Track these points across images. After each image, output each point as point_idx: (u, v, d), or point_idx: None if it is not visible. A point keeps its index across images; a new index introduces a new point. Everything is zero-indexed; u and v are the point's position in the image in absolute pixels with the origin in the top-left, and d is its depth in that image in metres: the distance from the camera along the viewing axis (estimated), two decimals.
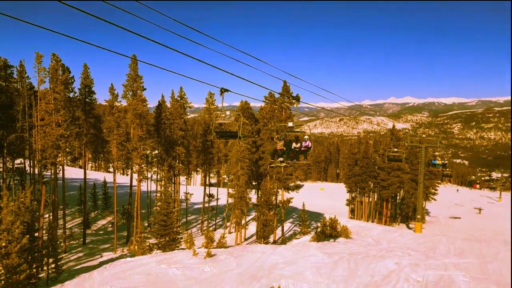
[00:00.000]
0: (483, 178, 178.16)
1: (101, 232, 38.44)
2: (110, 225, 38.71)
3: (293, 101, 29.97)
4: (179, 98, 34.41)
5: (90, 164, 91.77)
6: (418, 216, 37.81)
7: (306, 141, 15.71)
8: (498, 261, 25.43)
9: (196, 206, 49.09)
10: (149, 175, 40.74)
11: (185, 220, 40.82)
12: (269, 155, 30.79)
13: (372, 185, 54.48)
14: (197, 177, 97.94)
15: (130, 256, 20.16)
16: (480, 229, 50.49)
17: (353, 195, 57.51)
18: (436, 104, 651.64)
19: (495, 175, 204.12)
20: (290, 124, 14.34)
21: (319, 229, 26.44)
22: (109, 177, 51.80)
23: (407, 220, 57.92)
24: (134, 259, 17.06)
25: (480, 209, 70.70)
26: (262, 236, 27.18)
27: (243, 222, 36.46)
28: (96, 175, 64.32)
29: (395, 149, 35.99)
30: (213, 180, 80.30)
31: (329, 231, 26.30)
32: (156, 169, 37.83)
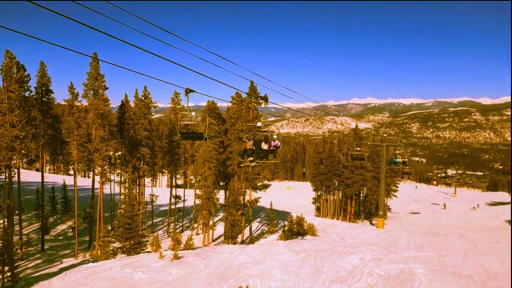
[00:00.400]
0: (439, 175, 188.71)
1: (61, 237, 36.61)
2: (71, 230, 36.98)
3: (261, 101, 30.23)
4: (143, 98, 33.45)
5: (48, 167, 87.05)
6: (381, 213, 39.41)
7: (275, 141, 15.89)
8: (454, 253, 26.92)
9: (162, 208, 48.04)
10: (113, 177, 39.34)
11: (151, 222, 39.79)
12: (238, 155, 30.83)
13: (336, 183, 56.02)
14: (163, 179, 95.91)
15: (92, 262, 19.36)
16: (437, 223, 53.47)
17: (319, 193, 58.85)
18: (396, 104, 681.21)
19: (450, 172, 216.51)
20: (259, 124, 14.44)
21: (286, 228, 26.82)
22: (69, 180, 49.40)
23: (370, 217, 60.14)
24: (97, 264, 16.42)
25: (445, 205, 74.72)
26: (230, 236, 27.11)
27: (210, 223, 36.17)
28: (55, 178, 61.08)
29: (358, 148, 37.31)
30: (180, 181, 79.05)
31: (296, 229, 26.74)
32: (119, 171, 36.58)
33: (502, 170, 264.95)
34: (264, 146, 15.87)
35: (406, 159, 37.89)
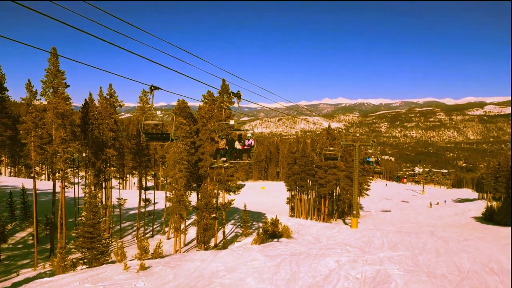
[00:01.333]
0: (407, 173, 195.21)
1: (20, 246, 34.02)
2: (31, 238, 34.45)
3: (234, 100, 29.20)
4: (108, 96, 31.54)
5: (9, 169, 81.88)
6: (354, 212, 39.50)
7: (249, 140, 15.06)
8: (426, 252, 27.14)
9: (132, 212, 45.99)
10: (77, 180, 36.99)
11: (119, 227, 37.84)
12: (210, 155, 29.71)
13: (310, 183, 55.99)
14: (134, 180, 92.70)
15: (50, 275, 17.69)
16: (408, 221, 54.59)
17: (292, 193, 58.62)
18: (366, 104, 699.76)
19: (417, 169, 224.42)
20: (232, 122, 13.56)
21: (261, 230, 26.05)
22: (30, 184, 46.30)
23: (343, 216, 60.63)
24: (52, 278, 14.85)
25: (431, 203, 75.87)
26: (203, 241, 25.98)
27: (182, 226, 34.82)
28: (15, 182, 57.21)
29: (331, 148, 37.19)
30: (151, 183, 76.47)
31: (271, 230, 26.03)
32: (84, 173, 34.36)
33: (465, 168, 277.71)
34: (238, 145, 15.01)
35: (378, 159, 38.20)
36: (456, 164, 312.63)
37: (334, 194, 58.96)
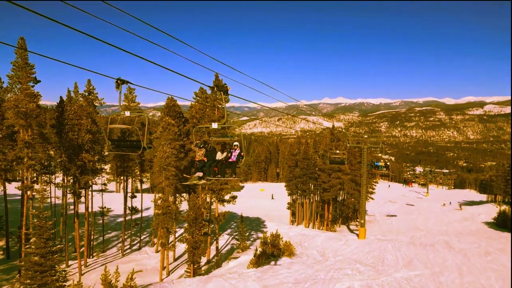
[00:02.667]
0: (408, 173, 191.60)
1: None
2: (2, 252, 30.85)
3: (223, 95, 25.66)
4: (86, 94, 27.91)
5: None
6: (362, 221, 35.96)
7: (235, 149, 11.49)
8: (448, 271, 24.12)
9: (120, 219, 42.33)
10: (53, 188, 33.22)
11: (102, 239, 34.11)
12: (183, 169, 26.04)
13: (312, 187, 52.46)
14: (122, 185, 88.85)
15: None
16: (416, 227, 51.10)
17: (294, 197, 55.06)
18: (365, 104, 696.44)
19: (418, 169, 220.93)
20: (214, 125, 9.97)
21: (259, 249, 22.47)
22: (11, 188, 42.49)
23: (347, 221, 57.14)
24: None
25: (460, 205, 72.50)
26: (192, 260, 22.46)
27: (172, 239, 31.24)
28: None
29: (337, 151, 33.60)
30: (147, 185, 72.59)
31: (270, 250, 22.47)
32: (60, 181, 30.65)
33: (466, 168, 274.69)
34: (220, 156, 11.44)
35: (388, 163, 34.69)
36: (457, 164, 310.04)
37: (338, 198, 55.38)
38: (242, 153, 11.30)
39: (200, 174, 11.27)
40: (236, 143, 11.48)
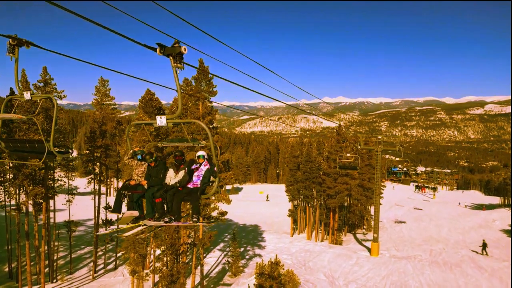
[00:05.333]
0: (410, 173, 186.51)
1: None
2: None
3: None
4: (41, 84, 22.80)
5: None
6: (375, 235, 30.96)
7: (201, 166, 6.51)
8: None
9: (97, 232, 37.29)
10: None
11: (70, 258, 28.85)
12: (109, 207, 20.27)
13: (315, 192, 47.49)
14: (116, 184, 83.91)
15: None
16: (430, 237, 46.13)
17: (295, 203, 50.05)
18: (366, 103, 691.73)
19: (419, 169, 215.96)
20: (161, 121, 5.02)
21: (253, 284, 17.44)
22: None
23: (353, 229, 52.18)
24: None
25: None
26: None
27: (152, 258, 26.13)
28: None
29: (348, 155, 28.59)
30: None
31: (268, 284, 17.45)
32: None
33: (468, 168, 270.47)
34: (173, 177, 6.46)
35: (406, 169, 29.78)
36: (458, 164, 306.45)
37: (345, 204, 50.34)
38: (214, 168, 6.27)
39: (135, 213, 6.31)
40: (200, 152, 6.46)
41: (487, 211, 69.89)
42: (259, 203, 74.25)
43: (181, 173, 6.41)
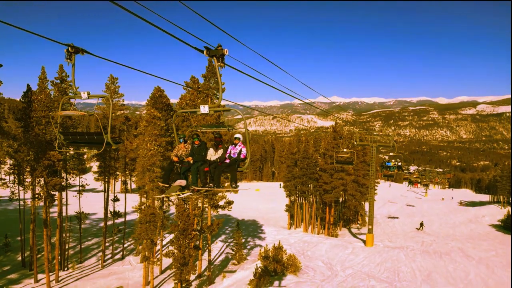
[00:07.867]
0: (406, 172, 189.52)
1: None
2: None
3: (219, 64, 21.93)
4: (58, 81, 24.14)
5: None
6: (370, 227, 32.69)
7: (237, 145, 8.04)
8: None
9: (103, 224, 38.62)
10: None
11: (79, 248, 30.20)
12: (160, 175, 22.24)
13: (312, 187, 49.17)
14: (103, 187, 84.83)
15: None
16: (423, 231, 48.09)
17: (292, 199, 51.72)
18: (360, 103, 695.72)
19: (412, 168, 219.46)
20: (204, 109, 6.49)
21: (259, 265, 18.99)
22: None
23: (348, 224, 54.05)
24: None
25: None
26: (180, 279, 18.98)
27: (158, 247, 27.60)
28: None
29: (345, 150, 30.27)
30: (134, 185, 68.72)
31: (272, 266, 19.02)
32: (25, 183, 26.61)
33: (460, 167, 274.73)
34: (213, 155, 7.97)
35: (399, 163, 31.51)
36: (450, 163, 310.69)
37: (339, 199, 52.11)
38: (244, 152, 7.82)
39: (183, 182, 7.76)
40: (238, 135, 7.98)
41: (476, 207, 72.33)
42: (256, 201, 75.90)
43: (220, 151, 7.91)
